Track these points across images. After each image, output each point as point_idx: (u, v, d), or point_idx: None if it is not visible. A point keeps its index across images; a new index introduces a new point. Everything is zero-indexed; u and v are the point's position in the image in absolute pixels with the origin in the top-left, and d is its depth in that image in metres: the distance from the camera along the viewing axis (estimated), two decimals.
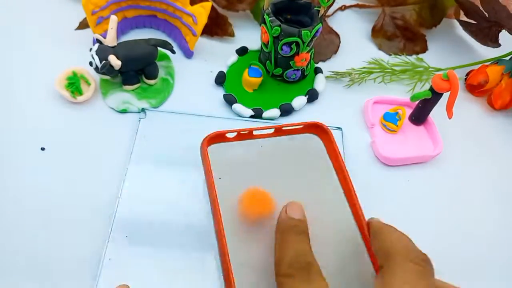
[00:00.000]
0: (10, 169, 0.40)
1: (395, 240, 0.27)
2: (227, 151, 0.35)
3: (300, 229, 0.28)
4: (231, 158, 0.34)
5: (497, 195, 0.45)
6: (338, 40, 0.55)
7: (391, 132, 0.47)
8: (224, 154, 0.34)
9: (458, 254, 0.40)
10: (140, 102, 0.46)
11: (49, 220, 0.37)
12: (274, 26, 0.43)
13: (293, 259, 0.26)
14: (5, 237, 0.36)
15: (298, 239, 0.28)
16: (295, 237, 0.28)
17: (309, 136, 0.37)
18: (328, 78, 0.52)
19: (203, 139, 0.33)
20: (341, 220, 0.32)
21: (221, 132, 0.34)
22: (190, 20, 0.49)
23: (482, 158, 0.47)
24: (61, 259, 0.36)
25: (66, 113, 0.44)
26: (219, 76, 0.49)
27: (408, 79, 0.52)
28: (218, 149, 0.34)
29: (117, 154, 0.42)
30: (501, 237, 0.42)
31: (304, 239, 0.28)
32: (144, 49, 0.45)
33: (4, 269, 0.35)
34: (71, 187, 0.40)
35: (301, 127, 0.36)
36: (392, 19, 0.58)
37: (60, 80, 0.44)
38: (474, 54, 0.59)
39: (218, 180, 0.32)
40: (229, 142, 0.35)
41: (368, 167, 0.45)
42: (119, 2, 0.50)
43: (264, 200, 0.33)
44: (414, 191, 0.44)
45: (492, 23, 0.53)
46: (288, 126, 0.35)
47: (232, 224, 0.31)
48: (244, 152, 0.35)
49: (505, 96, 0.50)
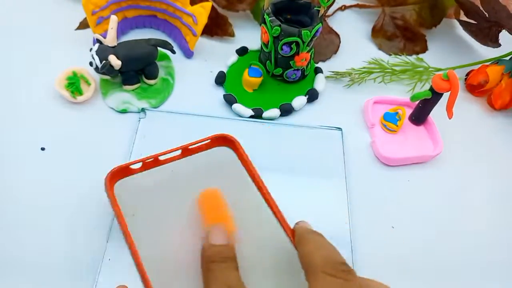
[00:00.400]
0: (10, 169, 0.40)
1: (314, 250, 0.25)
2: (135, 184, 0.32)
3: (224, 256, 0.26)
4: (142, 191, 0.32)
5: (497, 195, 0.45)
6: (338, 40, 0.55)
7: (391, 132, 0.47)
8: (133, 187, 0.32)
9: (458, 254, 0.40)
10: (140, 102, 0.46)
11: (49, 220, 0.37)
12: (274, 26, 0.43)
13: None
14: (4, 237, 0.36)
15: (224, 267, 0.25)
16: (220, 265, 0.25)
17: (220, 150, 0.34)
18: (328, 78, 0.52)
19: (105, 178, 0.30)
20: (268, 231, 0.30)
21: (124, 166, 0.31)
22: (190, 20, 0.49)
23: (482, 158, 0.47)
24: (61, 259, 0.36)
25: (66, 113, 0.44)
26: (219, 76, 0.49)
27: (408, 79, 0.52)
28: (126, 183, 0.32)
29: (117, 154, 0.42)
30: (501, 237, 0.42)
31: (230, 266, 0.26)
32: (144, 49, 0.45)
33: (4, 269, 0.35)
34: (71, 187, 0.39)
35: (208, 141, 0.34)
36: (392, 19, 0.58)
37: (60, 80, 0.44)
38: (474, 54, 0.59)
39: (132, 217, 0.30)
40: (136, 173, 0.32)
41: (368, 167, 0.45)
42: (119, 2, 0.50)
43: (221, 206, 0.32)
44: (414, 191, 0.44)
45: (492, 23, 0.53)
46: (194, 144, 0.33)
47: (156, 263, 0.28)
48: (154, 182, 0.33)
49: (505, 96, 0.50)
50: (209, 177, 0.33)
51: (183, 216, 0.31)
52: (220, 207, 0.32)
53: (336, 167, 0.43)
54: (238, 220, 0.30)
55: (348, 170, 0.43)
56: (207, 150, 0.34)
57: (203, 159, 0.34)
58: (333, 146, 0.45)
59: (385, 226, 0.41)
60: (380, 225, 0.41)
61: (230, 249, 0.27)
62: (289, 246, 0.29)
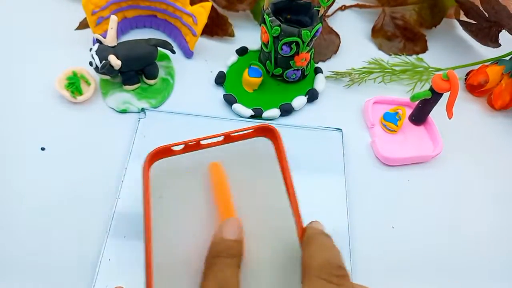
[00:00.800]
0: (10, 169, 0.40)
1: (314, 252, 0.25)
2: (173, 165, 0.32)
3: (233, 251, 0.26)
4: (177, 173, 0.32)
5: (497, 195, 0.45)
6: (338, 40, 0.55)
7: (391, 132, 0.47)
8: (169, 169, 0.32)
9: (458, 254, 0.40)
10: (140, 102, 0.46)
11: (49, 220, 0.37)
12: (274, 26, 0.43)
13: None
14: (4, 236, 0.36)
15: (228, 263, 0.25)
16: (225, 260, 0.25)
17: (260, 140, 0.34)
18: (328, 78, 0.52)
19: (146, 156, 0.30)
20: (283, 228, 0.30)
21: (167, 146, 0.31)
22: (190, 20, 0.49)
23: (482, 158, 0.47)
24: (60, 259, 0.36)
25: (66, 113, 0.44)
26: (219, 76, 0.49)
27: (408, 79, 0.52)
28: (163, 164, 0.32)
29: (116, 154, 0.42)
30: (501, 236, 0.42)
31: (233, 263, 0.25)
32: (144, 49, 0.45)
33: (4, 269, 0.35)
34: (71, 187, 0.40)
35: (251, 131, 0.33)
36: (392, 19, 0.58)
37: (60, 80, 0.44)
38: (474, 54, 0.59)
39: (158, 199, 0.30)
40: (176, 155, 0.32)
41: (368, 167, 0.45)
42: (119, 2, 0.50)
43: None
44: (414, 191, 0.44)
45: (492, 23, 0.53)
46: (237, 132, 0.33)
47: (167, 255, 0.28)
48: (191, 165, 0.32)
49: (505, 96, 0.50)
50: (243, 166, 0.33)
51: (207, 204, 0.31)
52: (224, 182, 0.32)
53: (336, 167, 0.43)
54: (257, 211, 0.30)
55: (348, 170, 0.43)
56: (248, 139, 0.34)
57: (243, 148, 0.34)
58: (333, 146, 0.45)
59: (385, 226, 0.41)
60: (380, 225, 0.41)
61: (239, 245, 0.27)
62: (297, 246, 0.29)
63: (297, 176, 0.42)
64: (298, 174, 0.43)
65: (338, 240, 0.38)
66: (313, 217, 0.41)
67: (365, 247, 0.39)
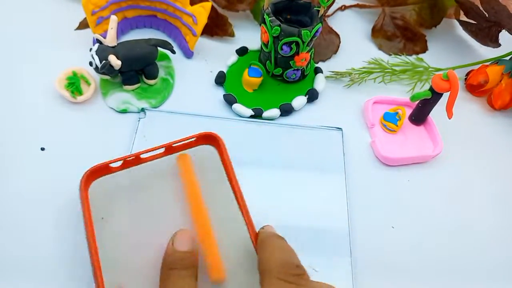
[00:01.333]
0: (10, 169, 0.40)
1: (269, 254, 0.25)
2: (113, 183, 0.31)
3: (186, 263, 0.26)
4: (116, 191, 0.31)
5: (497, 195, 0.45)
6: (338, 40, 0.55)
7: (391, 132, 0.47)
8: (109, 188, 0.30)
9: (458, 254, 0.40)
10: (140, 102, 0.46)
11: (48, 220, 0.37)
12: (274, 26, 0.43)
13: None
14: (4, 236, 0.36)
15: (183, 275, 0.25)
16: (179, 272, 0.25)
17: (205, 148, 0.34)
18: (328, 78, 0.52)
19: (83, 175, 0.29)
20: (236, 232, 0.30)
21: (104, 165, 0.30)
22: (190, 20, 0.49)
23: (482, 158, 0.47)
24: (60, 259, 0.36)
25: (66, 113, 0.44)
26: (219, 76, 0.49)
27: (408, 79, 0.52)
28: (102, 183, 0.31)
29: (116, 154, 0.41)
30: (501, 236, 0.42)
31: (189, 274, 0.25)
32: (144, 49, 0.45)
33: (4, 269, 0.35)
34: (71, 187, 0.39)
35: (193, 140, 0.33)
36: (392, 19, 0.58)
37: (60, 80, 0.44)
38: (474, 54, 0.59)
39: (101, 220, 0.29)
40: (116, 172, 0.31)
41: (368, 167, 0.45)
42: (119, 2, 0.50)
43: None
44: (414, 191, 0.44)
45: (492, 23, 0.53)
46: (179, 142, 0.32)
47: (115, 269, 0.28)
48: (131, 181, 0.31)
49: (505, 96, 0.50)
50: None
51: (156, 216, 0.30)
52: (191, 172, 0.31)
53: (336, 167, 0.43)
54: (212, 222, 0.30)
55: (348, 170, 0.43)
56: (192, 148, 0.33)
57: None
58: (333, 146, 0.45)
59: (385, 226, 0.41)
60: (380, 225, 0.41)
61: (193, 256, 0.26)
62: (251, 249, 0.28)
63: (297, 176, 0.42)
64: (298, 174, 0.43)
65: (338, 241, 0.38)
66: (313, 217, 0.41)
67: (365, 247, 0.39)
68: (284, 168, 0.43)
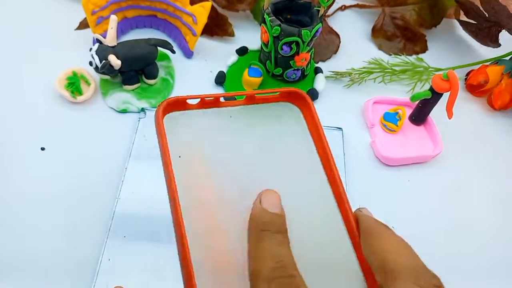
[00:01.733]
0: (10, 169, 0.40)
1: (396, 251, 0.22)
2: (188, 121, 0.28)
3: (277, 226, 0.23)
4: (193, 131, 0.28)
5: (497, 195, 0.45)
6: (338, 40, 0.55)
7: (391, 132, 0.47)
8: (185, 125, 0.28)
9: (459, 254, 0.40)
10: (140, 102, 0.46)
11: (48, 220, 0.37)
12: (274, 26, 0.43)
13: (272, 272, 0.21)
14: (4, 236, 0.36)
15: (277, 242, 0.23)
16: (272, 238, 0.23)
17: (286, 105, 0.31)
18: (328, 78, 0.52)
19: (158, 106, 0.27)
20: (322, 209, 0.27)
21: (181, 98, 0.28)
22: (190, 20, 0.49)
23: (482, 158, 0.47)
24: (60, 259, 0.36)
25: (66, 113, 0.44)
26: (219, 76, 0.49)
27: (408, 79, 0.52)
28: (177, 119, 0.28)
29: (116, 154, 0.42)
30: (501, 236, 0.42)
31: (284, 241, 0.23)
32: (144, 49, 0.45)
33: (4, 269, 0.35)
34: (71, 187, 0.39)
35: (277, 94, 0.30)
36: (392, 19, 0.58)
37: (60, 80, 0.44)
38: (474, 54, 0.59)
39: (178, 159, 0.26)
40: (191, 110, 0.29)
41: (368, 167, 0.45)
42: (119, 2, 0.50)
43: None
44: (414, 191, 0.44)
45: (492, 23, 0.53)
46: (261, 93, 0.30)
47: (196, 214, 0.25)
48: (209, 123, 0.29)
49: (505, 96, 0.50)
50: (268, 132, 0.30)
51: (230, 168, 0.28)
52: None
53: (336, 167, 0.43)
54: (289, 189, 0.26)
55: (348, 170, 0.43)
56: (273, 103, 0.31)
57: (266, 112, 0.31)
58: (333, 146, 0.44)
59: None
60: None
61: (283, 221, 0.24)
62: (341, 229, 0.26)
63: None
64: None
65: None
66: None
67: None
68: None
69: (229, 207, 0.26)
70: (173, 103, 0.28)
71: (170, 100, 0.27)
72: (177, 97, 0.27)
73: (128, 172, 0.40)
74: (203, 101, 0.29)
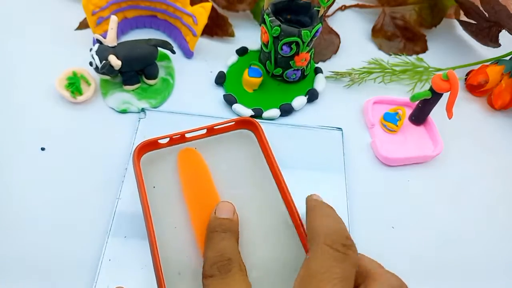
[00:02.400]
0: (10, 169, 0.40)
1: (319, 221, 0.26)
2: (161, 158, 0.35)
3: (226, 227, 0.29)
4: (166, 165, 0.35)
5: (497, 195, 0.45)
6: (338, 40, 0.55)
7: (391, 132, 0.47)
8: (158, 161, 0.35)
9: (459, 254, 0.40)
10: (140, 102, 0.46)
11: (49, 220, 0.37)
12: (274, 26, 0.43)
13: (215, 258, 0.26)
14: (4, 237, 0.36)
15: (222, 237, 0.28)
16: (218, 237, 0.28)
17: (242, 132, 0.37)
18: (328, 78, 0.52)
19: (134, 149, 0.33)
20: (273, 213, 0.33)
21: (153, 140, 0.34)
22: (190, 21, 0.49)
23: (482, 158, 0.47)
24: (61, 259, 0.36)
25: (66, 113, 0.44)
26: (219, 76, 0.49)
27: (408, 79, 0.52)
28: (152, 156, 0.35)
29: (116, 154, 0.42)
30: (501, 236, 0.42)
31: (229, 237, 0.28)
32: (144, 49, 0.45)
33: (4, 269, 0.35)
34: (71, 187, 0.40)
35: (232, 123, 0.36)
36: (392, 19, 0.58)
37: (60, 80, 0.44)
38: (474, 54, 0.59)
39: (152, 189, 0.33)
40: (163, 148, 0.35)
41: (368, 167, 0.45)
42: (119, 3, 0.50)
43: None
44: (414, 191, 0.44)
45: (492, 23, 0.53)
46: (219, 125, 0.36)
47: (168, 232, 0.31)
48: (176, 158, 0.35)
49: (505, 96, 0.50)
50: (228, 157, 0.35)
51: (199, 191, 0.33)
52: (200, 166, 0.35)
53: (336, 167, 0.43)
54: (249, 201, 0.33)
55: (348, 170, 0.43)
56: (231, 132, 0.37)
57: (226, 140, 0.36)
58: (333, 146, 0.45)
59: (385, 226, 0.41)
60: (380, 225, 0.41)
61: (233, 223, 0.29)
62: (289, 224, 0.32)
63: (297, 176, 0.42)
64: (298, 173, 0.43)
65: None
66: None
67: (365, 247, 0.39)
68: (284, 168, 0.43)
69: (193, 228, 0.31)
70: (147, 145, 0.34)
71: (144, 142, 0.34)
72: (149, 140, 0.34)
73: (128, 172, 0.40)
74: (172, 139, 0.35)
